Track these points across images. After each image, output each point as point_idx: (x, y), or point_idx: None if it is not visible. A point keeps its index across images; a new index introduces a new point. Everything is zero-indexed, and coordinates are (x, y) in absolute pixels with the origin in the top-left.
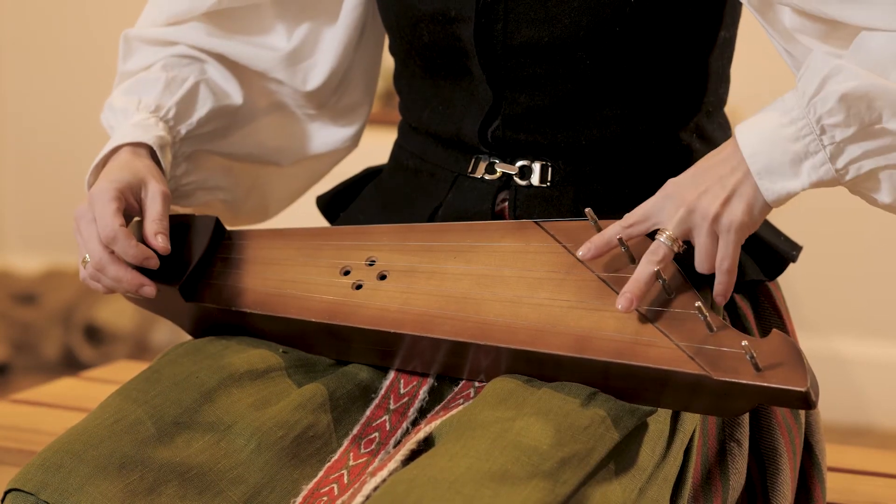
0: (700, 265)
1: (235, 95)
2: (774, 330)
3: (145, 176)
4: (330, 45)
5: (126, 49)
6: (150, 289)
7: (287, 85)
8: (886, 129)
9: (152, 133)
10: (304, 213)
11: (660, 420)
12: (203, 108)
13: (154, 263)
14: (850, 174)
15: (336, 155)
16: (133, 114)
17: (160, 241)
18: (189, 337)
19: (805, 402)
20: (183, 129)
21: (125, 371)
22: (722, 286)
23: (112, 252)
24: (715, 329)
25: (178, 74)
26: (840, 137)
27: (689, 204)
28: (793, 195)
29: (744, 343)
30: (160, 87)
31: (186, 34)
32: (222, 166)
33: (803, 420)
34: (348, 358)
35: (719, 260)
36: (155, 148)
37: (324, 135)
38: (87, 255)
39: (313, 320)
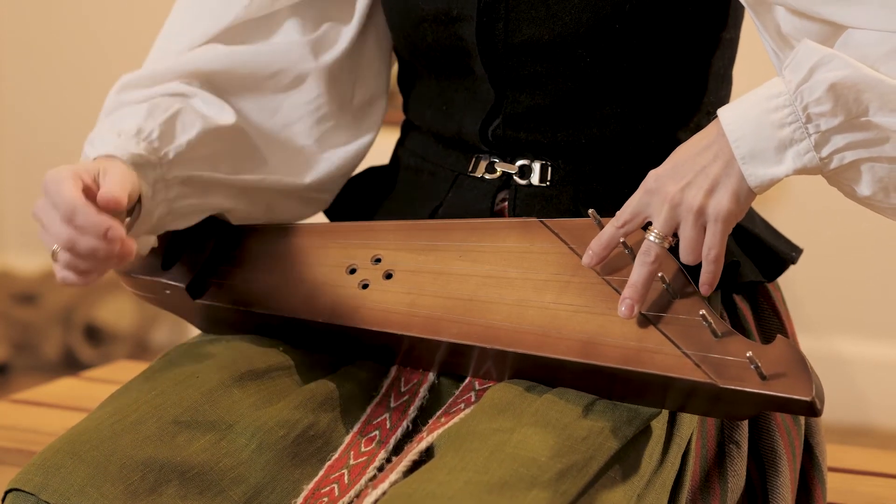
0: (685, 257)
1: (227, 116)
2: (779, 336)
3: (106, 163)
4: (345, 41)
5: (118, 91)
6: (130, 244)
7: (303, 80)
8: (872, 122)
9: (127, 150)
10: None
11: (657, 426)
12: (192, 129)
13: (118, 231)
14: (833, 163)
15: (354, 162)
16: (111, 140)
17: (110, 194)
18: (192, 335)
19: (810, 410)
20: (171, 152)
21: (125, 371)
22: (709, 275)
23: (78, 226)
24: (720, 335)
25: (161, 102)
26: (826, 127)
27: (672, 199)
28: (776, 181)
29: (749, 354)
30: (142, 113)
31: (197, 58)
32: (229, 189)
33: (803, 421)
34: (354, 356)
35: (706, 250)
36: (126, 161)
37: (340, 145)
38: (55, 246)
39: (321, 321)
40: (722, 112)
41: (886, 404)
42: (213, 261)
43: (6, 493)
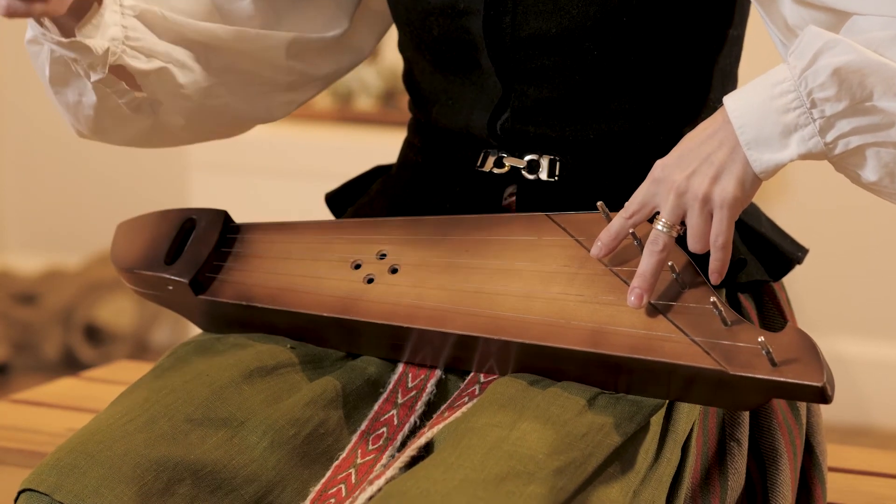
0: (693, 245)
1: None
2: (789, 324)
3: None
4: None
5: None
6: None
7: None
8: (877, 107)
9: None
10: (312, 210)
11: (653, 421)
12: None
13: None
14: (838, 148)
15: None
16: None
17: None
18: (197, 332)
19: (821, 396)
20: None
21: (125, 371)
22: (718, 262)
23: None
24: (730, 323)
25: None
26: (830, 112)
27: (678, 187)
28: (781, 167)
29: (760, 339)
30: None
31: None
32: (183, 38)
33: (804, 420)
34: (359, 351)
35: (714, 237)
36: None
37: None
38: None
39: (326, 315)
40: (727, 99)
41: (886, 404)
42: (216, 256)
43: (19, 492)
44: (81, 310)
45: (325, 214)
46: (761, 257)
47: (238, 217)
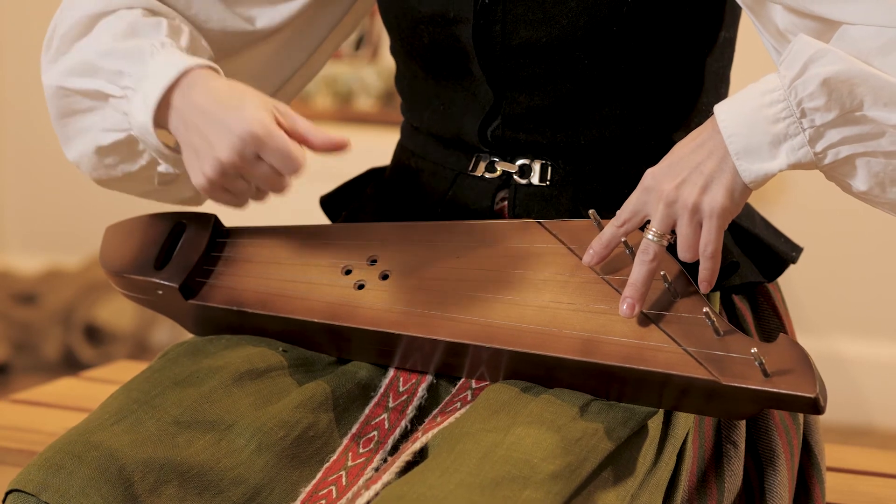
0: (682, 254)
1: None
2: (782, 335)
3: (264, 96)
4: None
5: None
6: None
7: None
8: (867, 117)
9: (205, 55)
10: (308, 213)
11: (652, 425)
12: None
13: (347, 142)
14: (827, 158)
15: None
16: (157, 50)
17: (340, 140)
18: (189, 336)
19: (814, 407)
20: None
21: (125, 371)
22: (707, 272)
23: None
24: (722, 333)
25: (145, 22)
26: (820, 122)
27: (668, 196)
28: (771, 177)
29: (753, 350)
30: (161, 29)
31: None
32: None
33: (801, 420)
34: (350, 356)
35: (703, 246)
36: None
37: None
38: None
39: (316, 321)
40: (717, 108)
41: (886, 404)
42: (206, 261)
43: (7, 493)
44: (81, 310)
45: (324, 216)
46: (755, 258)
47: (237, 218)
